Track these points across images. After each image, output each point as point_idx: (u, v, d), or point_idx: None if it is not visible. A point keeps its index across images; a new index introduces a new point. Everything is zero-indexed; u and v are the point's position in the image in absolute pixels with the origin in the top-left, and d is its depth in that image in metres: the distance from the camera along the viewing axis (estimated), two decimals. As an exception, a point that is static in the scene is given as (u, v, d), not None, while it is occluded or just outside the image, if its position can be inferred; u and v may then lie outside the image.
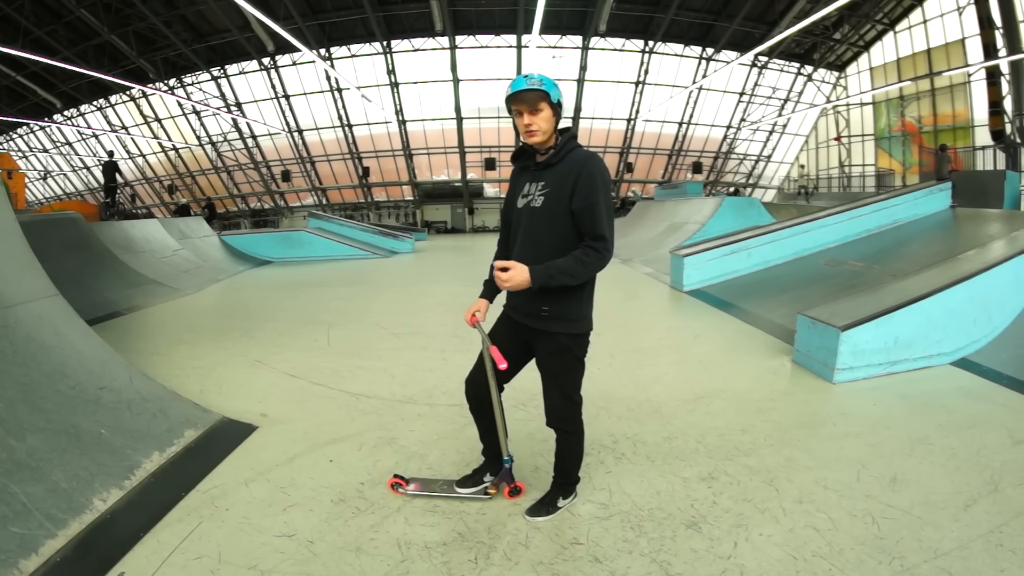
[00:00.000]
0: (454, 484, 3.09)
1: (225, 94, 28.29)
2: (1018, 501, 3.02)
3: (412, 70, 27.12)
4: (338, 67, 26.19)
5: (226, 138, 30.40)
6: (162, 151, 32.60)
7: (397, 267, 14.71)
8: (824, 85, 31.80)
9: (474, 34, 25.88)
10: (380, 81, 27.40)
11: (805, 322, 5.46)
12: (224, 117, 28.94)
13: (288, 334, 6.86)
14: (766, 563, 2.52)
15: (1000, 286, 5.88)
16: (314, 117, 29.45)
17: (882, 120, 29.67)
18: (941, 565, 2.50)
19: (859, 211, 11.28)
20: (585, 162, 2.49)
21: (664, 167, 33.13)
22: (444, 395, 4.63)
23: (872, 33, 28.22)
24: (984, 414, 4.27)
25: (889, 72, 27.80)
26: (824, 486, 3.17)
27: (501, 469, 3.05)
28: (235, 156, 31.23)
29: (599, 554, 2.57)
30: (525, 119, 2.51)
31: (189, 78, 27.83)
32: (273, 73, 27.30)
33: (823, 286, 8.19)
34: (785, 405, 4.48)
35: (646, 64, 27.88)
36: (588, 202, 2.45)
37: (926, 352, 5.33)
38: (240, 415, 4.11)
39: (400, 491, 3.06)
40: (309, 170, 31.58)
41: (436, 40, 25.88)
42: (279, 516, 2.86)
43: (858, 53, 29.69)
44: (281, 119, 29.07)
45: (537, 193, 2.56)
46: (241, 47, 25.64)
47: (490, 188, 32.88)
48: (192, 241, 13.66)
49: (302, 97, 28.49)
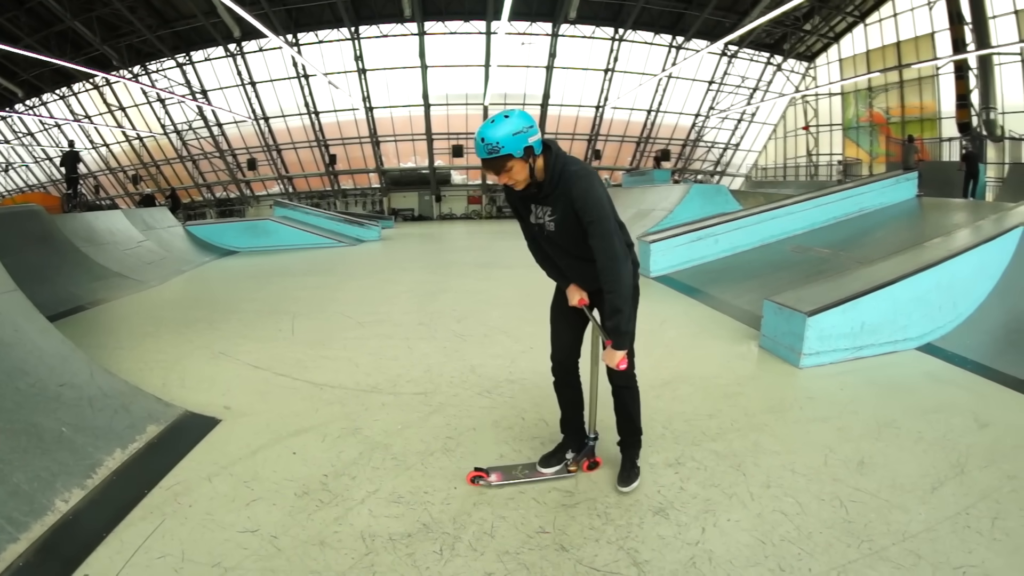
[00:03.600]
0: (536, 466, 3.11)
1: (190, 81, 27.74)
2: (984, 483, 3.06)
3: (380, 56, 26.85)
4: (305, 53, 25.85)
5: (191, 126, 29.82)
6: (126, 140, 31.87)
7: (363, 255, 14.62)
8: (793, 75, 32.07)
9: (443, 20, 25.67)
10: (347, 67, 27.10)
11: (771, 307, 5.49)
12: (189, 105, 28.39)
13: (253, 325, 6.77)
14: (734, 548, 2.52)
15: (965, 273, 5.94)
16: (280, 104, 29.03)
17: (850, 110, 30.05)
18: (909, 547, 2.52)
19: (826, 199, 11.38)
20: (574, 188, 2.56)
21: (632, 154, 33.20)
22: (409, 383, 4.59)
23: (843, 25, 28.49)
24: (950, 398, 4.32)
25: (858, 63, 28.15)
26: (792, 470, 3.18)
27: (584, 445, 3.14)
28: (200, 145, 30.66)
29: (565, 542, 2.55)
30: (501, 179, 2.59)
31: (154, 65, 27.21)
32: (239, 60, 26.84)
33: (790, 272, 8.26)
34: (752, 390, 4.50)
35: (615, 52, 27.86)
36: (591, 219, 2.56)
37: (892, 337, 5.39)
38: (203, 408, 4.04)
39: (481, 483, 3.01)
40: (275, 158, 31.14)
41: (405, 26, 25.64)
42: (242, 511, 2.81)
43: (828, 44, 29.97)
44: (247, 107, 28.60)
45: (547, 219, 2.69)
46: (207, 33, 25.14)
47: (457, 175, 32.78)
48: (157, 232, 13.40)
49: (268, 84, 28.05)
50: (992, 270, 6.18)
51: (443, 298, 8.24)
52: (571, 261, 2.84)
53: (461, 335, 6.10)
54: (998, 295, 6.00)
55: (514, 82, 28.37)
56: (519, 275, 10.13)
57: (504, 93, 28.65)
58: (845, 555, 2.47)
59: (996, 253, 6.25)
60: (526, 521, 2.71)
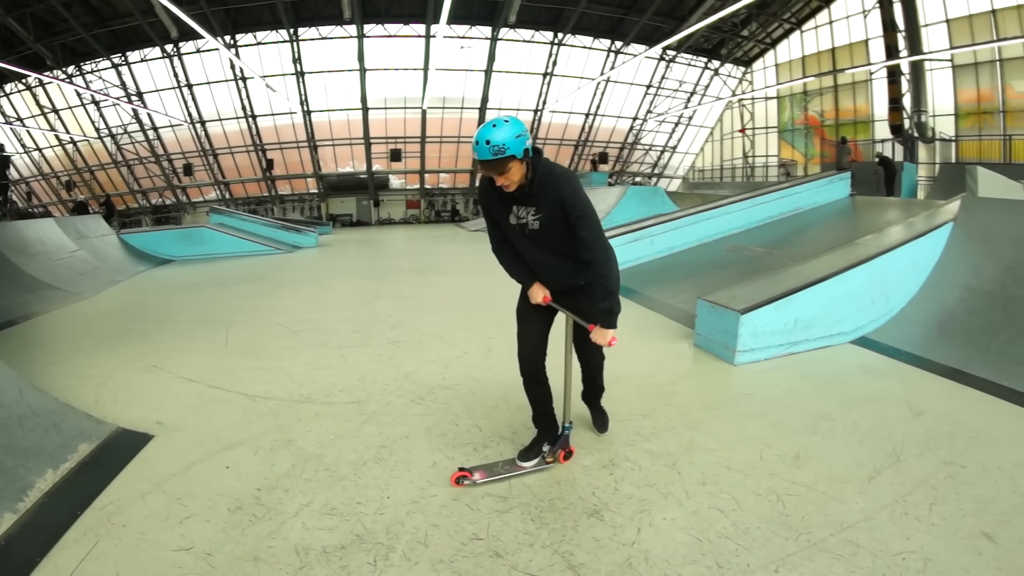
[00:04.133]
0: (516, 460, 3.21)
1: (126, 83, 26.84)
2: (920, 470, 3.14)
3: (319, 59, 26.49)
4: (243, 55, 25.36)
5: (126, 130, 28.85)
6: (59, 144, 30.67)
7: (300, 262, 14.41)
8: (730, 79, 32.69)
9: (383, 23, 25.40)
10: (286, 70, 26.64)
11: (705, 306, 5.57)
12: (125, 108, 27.46)
13: (187, 336, 6.61)
14: (671, 547, 2.53)
15: (897, 268, 6.11)
16: (217, 108, 28.33)
17: (785, 113, 30.90)
18: (848, 537, 2.56)
19: (761, 199, 11.60)
20: (562, 186, 2.80)
21: (570, 157, 33.35)
22: (342, 393, 4.54)
23: (779, 31, 29.30)
24: (884, 389, 4.43)
25: (794, 68, 29.03)
26: (727, 467, 3.21)
27: (558, 437, 3.26)
28: (136, 149, 29.68)
29: (500, 548, 2.54)
30: (498, 180, 2.76)
31: (89, 65, 26.16)
32: (176, 61, 26.09)
33: (726, 271, 8.40)
34: (687, 388, 4.55)
35: (555, 56, 27.99)
36: (579, 214, 2.80)
37: (826, 332, 5.50)
38: (136, 424, 3.93)
39: (466, 483, 3.05)
40: (212, 163, 30.38)
41: (344, 28, 25.30)
42: (176, 529, 2.74)
43: (765, 50, 30.76)
44: (183, 110, 27.84)
45: (531, 218, 2.88)
46: (144, 33, 24.32)
47: (395, 180, 32.46)
48: (90, 241, 12.97)
49: (205, 86, 27.38)
50: (923, 264, 6.37)
51: (378, 305, 8.17)
52: (550, 258, 3.00)
53: (395, 342, 6.05)
54: (929, 288, 6.17)
55: (453, 86, 28.22)
56: (456, 280, 10.21)
57: (443, 97, 28.51)
58: (783, 548, 2.49)
59: (927, 248, 6.44)
60: (460, 528, 2.68)
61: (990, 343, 5.10)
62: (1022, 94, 20.31)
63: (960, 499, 2.87)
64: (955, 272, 6.22)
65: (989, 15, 20.21)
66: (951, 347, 5.18)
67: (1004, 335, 5.12)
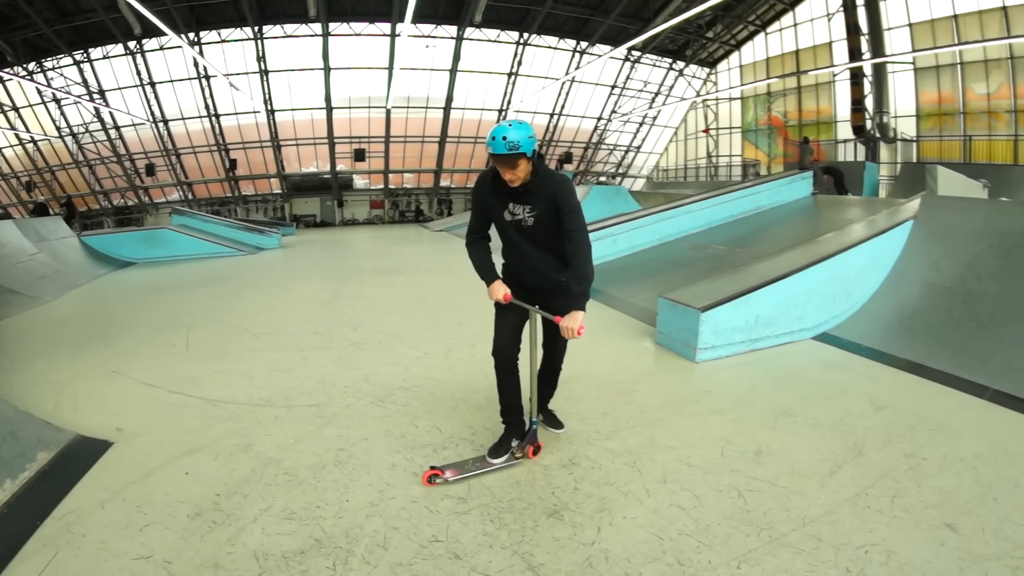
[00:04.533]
0: (486, 457, 3.29)
1: (88, 81, 26.22)
2: (882, 464, 3.19)
3: (283, 57, 26.15)
4: (207, 53, 24.90)
5: (88, 129, 28.20)
6: (19, 144, 29.89)
7: (262, 264, 14.26)
8: (695, 80, 32.90)
9: (348, 21, 25.11)
10: (250, 68, 26.23)
11: (666, 304, 5.62)
12: (86, 106, 26.82)
13: (148, 341, 6.50)
14: (631, 546, 2.54)
15: (858, 265, 6.22)
16: (180, 106, 27.78)
17: (749, 114, 31.28)
18: (810, 532, 2.59)
19: (724, 198, 11.71)
20: (559, 185, 3.09)
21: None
22: (302, 395, 4.51)
23: (744, 33, 29.60)
24: (846, 384, 4.51)
25: (758, 70, 29.38)
26: (688, 464, 3.23)
27: (526, 433, 3.36)
28: (97, 149, 29.04)
29: (459, 550, 2.53)
30: (507, 174, 3.00)
31: (50, 62, 25.42)
32: (139, 58, 25.53)
33: (688, 269, 8.47)
34: (648, 386, 4.58)
35: (520, 56, 27.95)
36: (570, 209, 3.06)
37: (787, 328, 5.57)
38: (95, 431, 3.87)
39: (438, 482, 3.10)
40: (174, 163, 29.82)
41: (309, 26, 25.00)
42: (136, 537, 2.70)
43: (729, 51, 31.04)
44: (146, 108, 27.27)
45: (527, 215, 3.12)
46: (107, 29, 23.69)
47: (360, 180, 32.18)
48: (50, 243, 12.69)
49: (168, 85, 26.83)
50: (884, 261, 6.49)
51: (340, 306, 8.12)
52: (537, 253, 3.21)
53: (356, 343, 6.03)
54: (890, 284, 6.30)
55: (417, 85, 28.03)
56: (418, 281, 10.19)
57: (407, 96, 28.32)
58: (745, 544, 2.52)
59: (888, 245, 6.56)
60: (419, 531, 2.68)
61: (951, 337, 5.21)
62: (982, 96, 20.80)
63: (922, 491, 2.92)
64: (915, 268, 6.35)
65: (951, 20, 20.74)
66: (912, 342, 5.29)
67: (964, 329, 5.25)
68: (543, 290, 3.28)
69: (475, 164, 32.31)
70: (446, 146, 30.79)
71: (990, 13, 19.63)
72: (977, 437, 3.57)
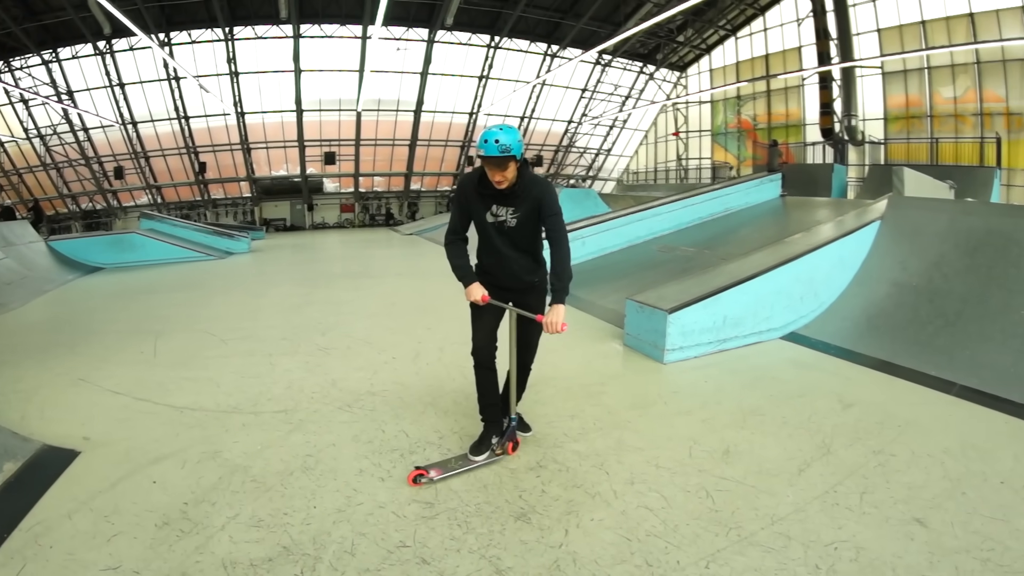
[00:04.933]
0: (468, 455, 3.35)
1: (56, 81, 25.71)
2: (851, 461, 3.24)
3: (253, 59, 25.90)
4: (177, 54, 24.61)
5: (55, 131, 27.66)
6: (-14, 145, 29.27)
7: (231, 269, 14.14)
8: (665, 84, 33.17)
9: (319, 23, 24.96)
10: (220, 70, 25.94)
11: (633, 306, 5.66)
12: (54, 107, 26.29)
13: (115, 347, 6.41)
14: (599, 547, 2.54)
15: (826, 265, 6.31)
16: (150, 108, 27.38)
17: (719, 117, 31.59)
18: (779, 530, 2.61)
19: (693, 200, 11.81)
20: (543, 189, 3.23)
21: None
22: (270, 402, 4.48)
23: (715, 37, 29.97)
24: (814, 382, 4.56)
25: (728, 73, 29.75)
26: (656, 465, 3.25)
27: (505, 430, 3.44)
28: (65, 151, 28.50)
29: (426, 555, 2.53)
30: (496, 177, 3.10)
31: (18, 61, 24.89)
32: (109, 59, 25.10)
33: (657, 271, 8.53)
34: (615, 388, 4.60)
35: (491, 59, 27.98)
36: (552, 212, 3.22)
37: (755, 329, 5.63)
38: (62, 441, 3.82)
39: (423, 481, 3.14)
40: (143, 166, 29.36)
41: (280, 28, 24.79)
42: (104, 548, 2.66)
43: (700, 55, 31.37)
44: (115, 110, 26.83)
45: (510, 216, 3.24)
46: (76, 28, 23.23)
47: (330, 183, 32.01)
48: (17, 248, 12.47)
49: (138, 86, 26.42)
50: (852, 261, 6.59)
51: (309, 311, 8.08)
52: (516, 254, 3.33)
53: (325, 348, 6.01)
54: (858, 284, 6.40)
55: (388, 88, 27.95)
56: (388, 285, 10.16)
57: (378, 99, 28.21)
58: (713, 544, 2.54)
59: (855, 245, 6.67)
60: (386, 536, 2.67)
61: (918, 335, 5.32)
62: (949, 100, 21.23)
63: (891, 487, 2.97)
64: (882, 268, 6.46)
65: (918, 25, 21.22)
66: (880, 340, 5.39)
67: (931, 327, 5.35)
68: (517, 289, 3.39)
69: (445, 167, 32.36)
70: (416, 149, 30.71)
71: (957, 19, 20.10)
72: (945, 432, 3.64)
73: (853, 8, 21.99)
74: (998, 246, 5.97)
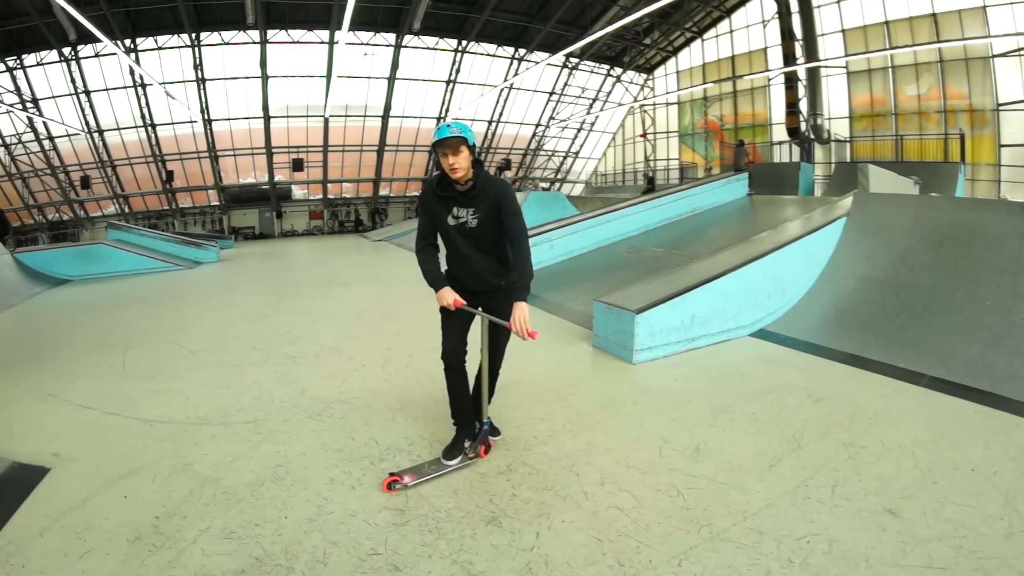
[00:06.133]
0: (441, 459, 3.36)
1: (21, 88, 25.20)
2: (821, 454, 3.28)
3: (220, 65, 25.70)
4: (143, 60, 24.28)
5: (20, 140, 27.10)
6: (-50, 156, 28.58)
7: (200, 279, 13.96)
8: (632, 86, 33.56)
9: (287, 28, 24.84)
10: (186, 76, 25.68)
11: (601, 308, 5.70)
12: (19, 115, 25.72)
13: (83, 361, 6.32)
14: (570, 549, 2.55)
15: (792, 262, 6.39)
16: (116, 116, 26.98)
17: (686, 118, 32.04)
18: (751, 526, 2.64)
19: (661, 200, 11.90)
20: (501, 189, 3.29)
21: (473, 164, 33.58)
22: (239, 412, 4.44)
23: (681, 39, 30.36)
24: (783, 378, 4.61)
25: (695, 75, 30.18)
26: (626, 465, 3.27)
27: (477, 433, 3.45)
28: (31, 161, 27.94)
29: (398, 562, 2.53)
30: (450, 159, 3.15)
31: (-19, 70, 24.50)
32: (74, 65, 24.66)
33: (625, 272, 8.58)
34: (585, 390, 4.62)
35: (459, 63, 28.04)
36: (511, 212, 3.26)
37: (724, 327, 5.69)
38: (32, 457, 3.77)
39: (397, 488, 3.13)
40: (110, 175, 28.91)
41: (247, 34, 24.61)
42: (76, 565, 2.63)
43: (666, 57, 31.79)
44: (81, 118, 26.35)
45: (470, 217, 3.28)
46: (41, 34, 22.79)
47: (298, 190, 31.82)
48: (-18, 261, 12.20)
49: (104, 93, 26.01)
50: (818, 257, 6.68)
51: (277, 320, 8.01)
52: (480, 256, 3.36)
53: (293, 357, 5.97)
54: (825, 280, 6.49)
55: (356, 93, 27.94)
56: (356, 292, 10.13)
57: (346, 104, 28.20)
58: (685, 542, 2.55)
59: (821, 242, 6.76)
60: (358, 544, 2.66)
61: (886, 328, 5.41)
62: (913, 98, 21.71)
63: (862, 479, 3.01)
64: (849, 263, 6.56)
65: (882, 26, 21.72)
66: (848, 334, 5.47)
67: (899, 320, 5.45)
68: (484, 293, 3.42)
69: (414, 172, 32.37)
70: (384, 155, 30.70)
71: (920, 19, 20.59)
72: (914, 423, 3.70)
73: (818, 9, 22.38)
74: (962, 239, 6.07)
